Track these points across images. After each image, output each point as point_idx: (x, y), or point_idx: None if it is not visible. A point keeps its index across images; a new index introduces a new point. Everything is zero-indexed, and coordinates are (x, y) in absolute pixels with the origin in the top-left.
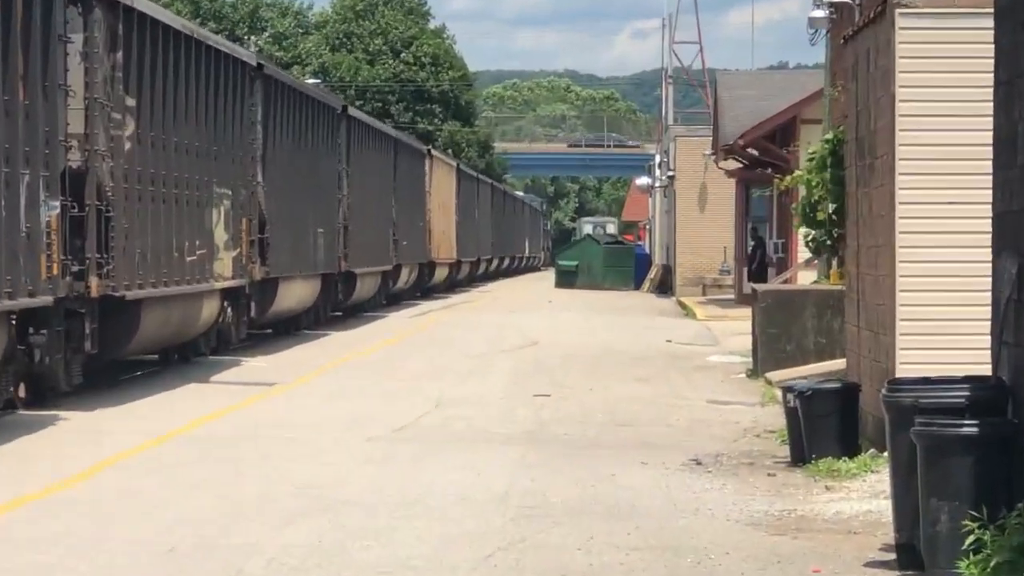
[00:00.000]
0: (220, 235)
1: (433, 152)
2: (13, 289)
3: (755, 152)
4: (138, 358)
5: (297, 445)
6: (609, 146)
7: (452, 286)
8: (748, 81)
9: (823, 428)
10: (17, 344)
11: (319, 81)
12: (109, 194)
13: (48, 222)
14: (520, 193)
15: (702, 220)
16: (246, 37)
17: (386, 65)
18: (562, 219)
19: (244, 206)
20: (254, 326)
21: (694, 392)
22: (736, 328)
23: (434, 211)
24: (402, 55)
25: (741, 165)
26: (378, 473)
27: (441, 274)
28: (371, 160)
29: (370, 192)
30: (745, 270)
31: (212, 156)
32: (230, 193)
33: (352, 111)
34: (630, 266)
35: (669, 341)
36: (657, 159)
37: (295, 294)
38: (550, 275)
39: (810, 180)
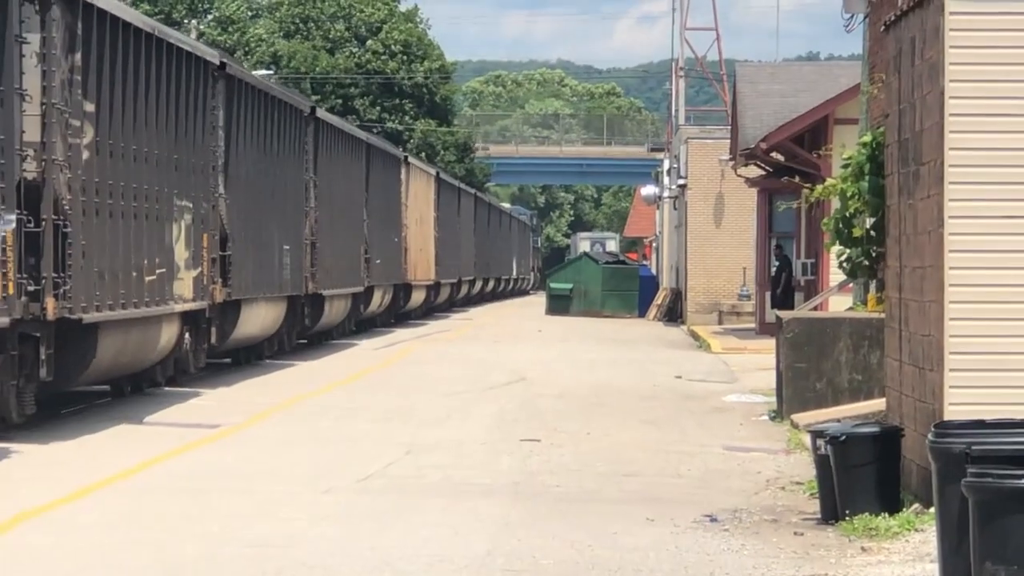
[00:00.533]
0: (181, 252)
1: (410, 159)
2: None
3: (780, 157)
4: (87, 389)
5: (247, 497)
6: (609, 143)
7: (429, 311)
8: (773, 74)
9: (859, 479)
10: None
11: (270, 72)
12: (66, 208)
13: (3, 238)
14: (507, 205)
15: (718, 236)
16: (184, 21)
17: (349, 54)
18: (554, 235)
19: (205, 220)
20: (213, 354)
21: (709, 437)
22: (757, 362)
23: (411, 226)
24: (368, 42)
25: (764, 172)
26: (339, 531)
27: (418, 298)
28: (341, 168)
29: (340, 204)
30: (768, 295)
31: (173, 165)
32: (191, 206)
33: (321, 113)
34: (634, 290)
35: (679, 377)
36: (666, 165)
37: (258, 319)
38: (540, 300)
39: (845, 190)
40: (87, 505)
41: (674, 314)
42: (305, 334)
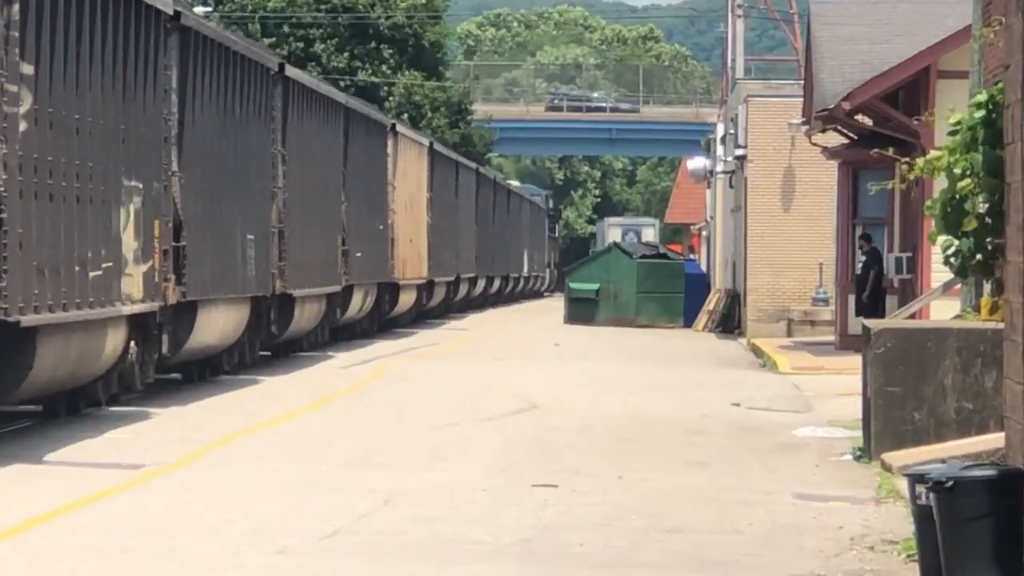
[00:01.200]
0: (129, 243)
1: (399, 127)
2: None
3: (868, 121)
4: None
5: (175, 561)
6: (646, 103)
7: (420, 317)
8: (858, 14)
9: (971, 537)
10: None
11: (209, 10)
12: (1, 189)
13: None
14: (515, 183)
15: (787, 223)
16: None
17: None
18: (575, 220)
19: (156, 204)
20: (162, 367)
21: (775, 483)
22: (838, 386)
23: (399, 211)
24: None
25: (847, 140)
26: None
27: (407, 300)
28: (315, 138)
29: (313, 183)
30: (852, 299)
31: (120, 138)
32: (140, 187)
33: (291, 71)
34: (678, 292)
35: (737, 405)
36: (720, 131)
37: (217, 325)
38: (557, 304)
39: (953, 165)
40: None
41: (730, 323)
42: (271, 344)
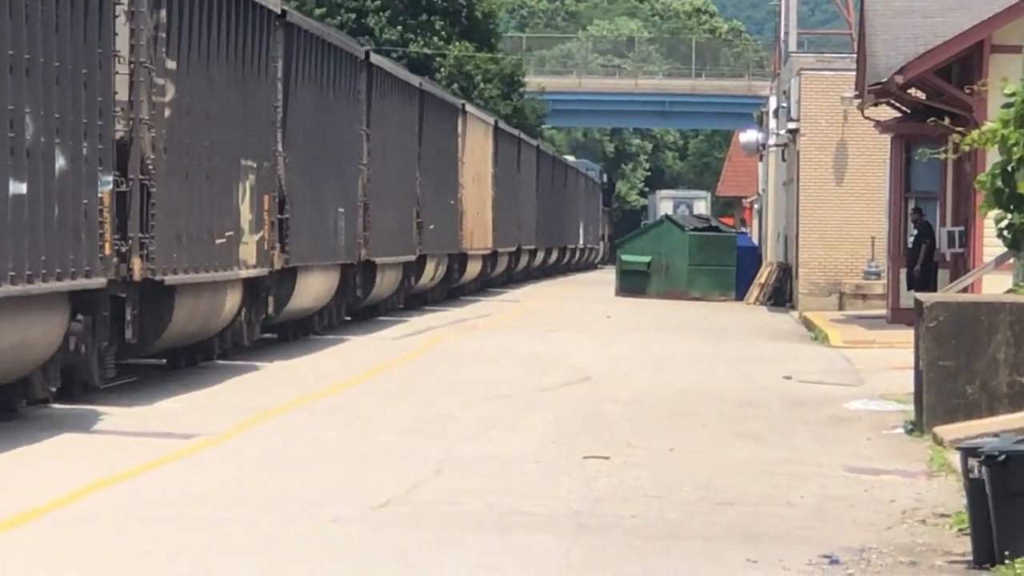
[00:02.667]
0: (245, 215)
1: (468, 107)
2: (76, 269)
3: (921, 95)
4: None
5: (232, 529)
6: (698, 76)
7: (485, 285)
8: None
9: (1023, 511)
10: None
11: None
12: (151, 168)
13: (101, 198)
14: (571, 158)
15: (839, 196)
16: None
17: None
18: (627, 193)
19: (266, 180)
20: (267, 326)
21: (827, 456)
22: (890, 360)
23: (467, 186)
24: None
25: (900, 114)
26: (349, 574)
27: (473, 269)
28: (394, 120)
29: (393, 161)
30: (904, 273)
31: (240, 123)
32: (255, 166)
33: (375, 58)
34: (730, 264)
35: (788, 378)
36: (772, 104)
37: (313, 289)
38: (609, 276)
39: (1007, 137)
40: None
41: (781, 296)
42: (355, 308)
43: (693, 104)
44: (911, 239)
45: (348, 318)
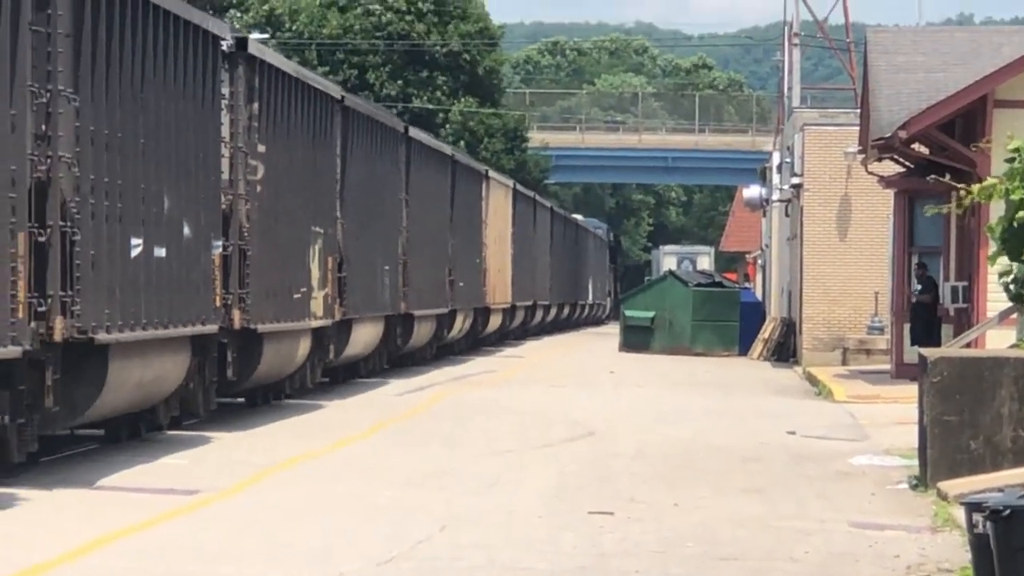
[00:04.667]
0: (315, 273)
1: (490, 173)
2: (197, 317)
3: (924, 150)
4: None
5: None
6: (702, 131)
7: (503, 337)
8: (914, 42)
9: None
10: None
11: (266, 37)
12: (246, 234)
13: (213, 259)
14: (579, 217)
15: (843, 252)
16: None
17: (364, 13)
18: (630, 247)
19: (329, 243)
20: (326, 370)
21: (831, 511)
22: (894, 415)
23: (490, 245)
24: None
25: (903, 169)
26: None
27: (495, 322)
28: (429, 186)
29: (428, 223)
30: (907, 327)
31: (310, 194)
32: (321, 231)
33: (413, 132)
34: (733, 320)
35: (792, 433)
36: (776, 159)
37: (364, 337)
38: (615, 331)
39: (1011, 191)
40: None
41: (785, 352)
42: (394, 355)
43: (696, 160)
44: (915, 293)
45: (387, 366)
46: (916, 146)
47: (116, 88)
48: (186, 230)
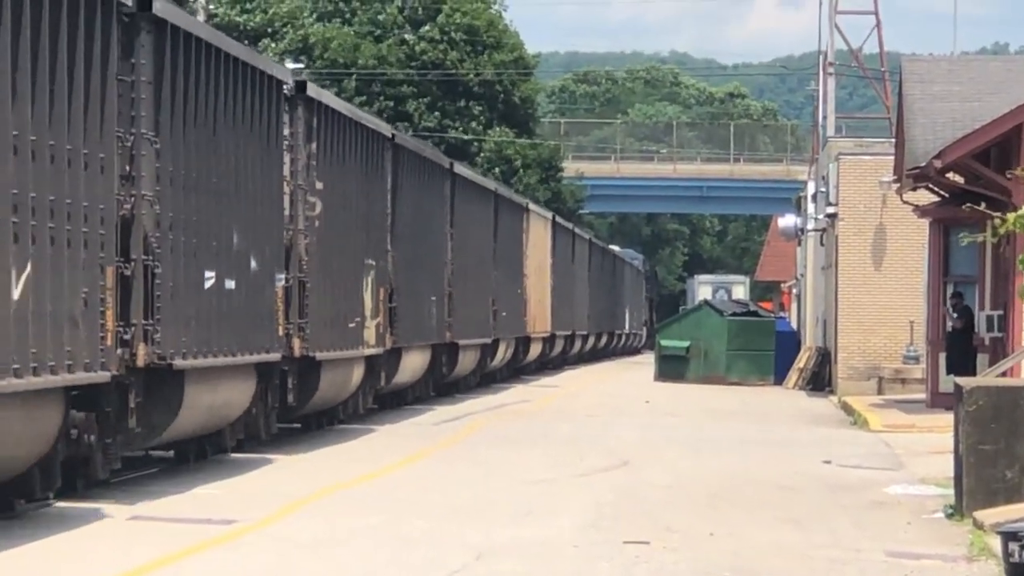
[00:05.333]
0: (367, 304)
1: (530, 206)
2: (262, 346)
3: (959, 179)
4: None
5: None
6: (736, 160)
7: (543, 366)
8: (949, 72)
9: None
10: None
11: (300, 67)
12: (305, 267)
13: (276, 292)
14: (616, 248)
15: (878, 281)
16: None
17: (400, 42)
18: (664, 277)
19: (381, 275)
20: (376, 396)
21: (867, 540)
22: (929, 444)
23: (530, 275)
24: (424, 28)
25: (938, 198)
26: None
27: (535, 351)
28: (473, 220)
29: (472, 255)
30: (943, 357)
31: (364, 229)
32: (374, 263)
33: (458, 168)
34: (768, 349)
35: (828, 463)
36: (811, 189)
37: (412, 365)
38: (651, 360)
39: None
40: None
41: (820, 381)
42: (440, 383)
43: (731, 189)
44: (952, 322)
45: (433, 393)
46: (951, 175)
47: (192, 130)
48: (253, 263)
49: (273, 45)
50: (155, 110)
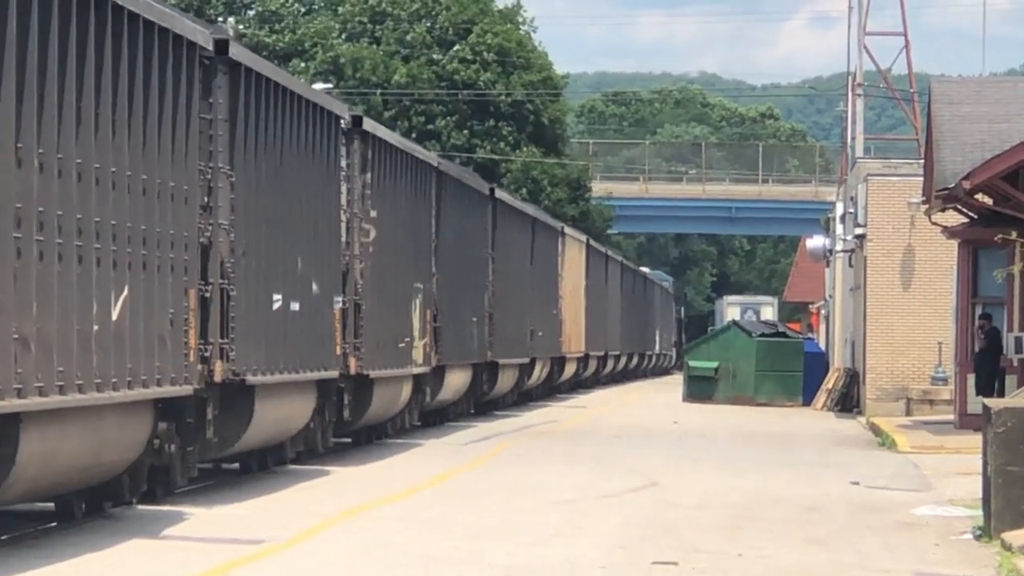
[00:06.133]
0: (415, 325)
1: (565, 229)
2: (321, 364)
3: (988, 200)
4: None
5: None
6: (765, 181)
7: (576, 385)
8: (977, 93)
9: None
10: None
11: (330, 86)
12: (360, 290)
13: (334, 313)
14: (647, 270)
15: (906, 302)
16: (220, 18)
17: (429, 62)
18: (693, 297)
19: (427, 297)
20: (421, 413)
21: (894, 561)
22: (958, 465)
23: (566, 297)
24: (455, 48)
25: (967, 219)
26: None
27: (569, 370)
28: (512, 243)
29: (511, 278)
30: (971, 378)
31: (412, 253)
32: (421, 287)
33: (498, 193)
34: (797, 370)
35: (856, 484)
36: (839, 210)
37: (455, 383)
38: (679, 380)
39: None
40: None
41: (848, 402)
42: (480, 401)
43: (760, 210)
44: (981, 342)
45: (472, 411)
46: (980, 196)
47: (261, 164)
48: (314, 287)
49: (303, 65)
50: (230, 146)
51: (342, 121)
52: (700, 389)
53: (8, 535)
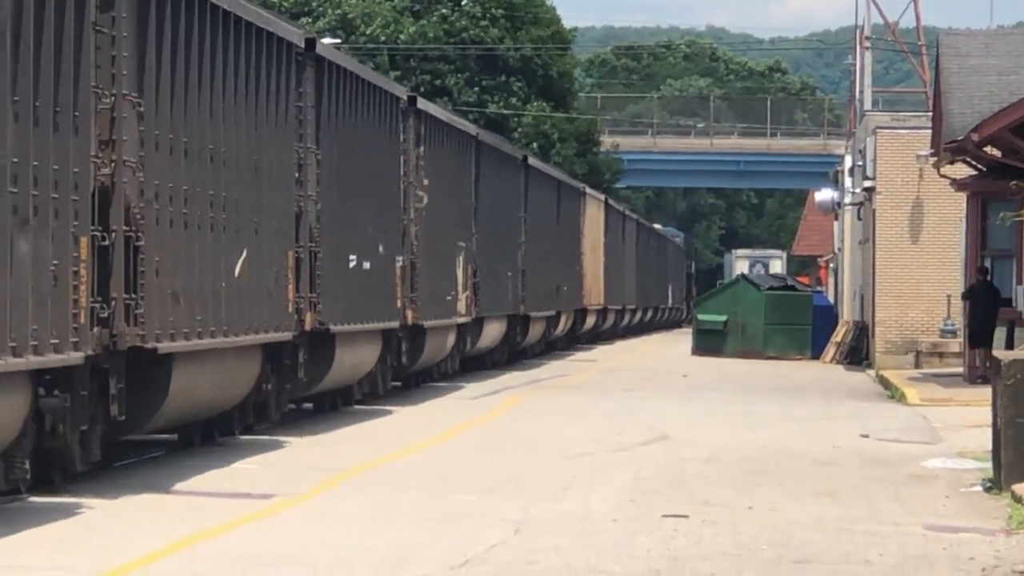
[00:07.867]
0: (459, 280)
1: (587, 190)
2: (386, 316)
3: (997, 152)
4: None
5: None
6: (774, 135)
7: (596, 337)
8: (987, 45)
9: None
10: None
11: (338, 41)
12: (415, 250)
13: (395, 271)
14: (659, 226)
15: (915, 255)
16: None
17: (439, 19)
18: (701, 251)
19: (468, 255)
20: (462, 360)
21: (905, 514)
22: (967, 418)
23: (587, 253)
24: (463, 4)
25: (976, 171)
26: None
27: (590, 321)
28: (541, 205)
29: (540, 237)
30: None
31: (456, 216)
32: (463, 245)
33: (531, 160)
34: (806, 323)
35: (866, 437)
36: (848, 163)
37: (492, 333)
38: (688, 334)
39: None
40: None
41: (858, 355)
42: (513, 351)
43: (768, 163)
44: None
45: (504, 360)
46: (989, 148)
47: (340, 142)
48: (380, 248)
49: (312, 22)
50: (316, 128)
51: (400, 102)
52: (709, 343)
53: (149, 455)
